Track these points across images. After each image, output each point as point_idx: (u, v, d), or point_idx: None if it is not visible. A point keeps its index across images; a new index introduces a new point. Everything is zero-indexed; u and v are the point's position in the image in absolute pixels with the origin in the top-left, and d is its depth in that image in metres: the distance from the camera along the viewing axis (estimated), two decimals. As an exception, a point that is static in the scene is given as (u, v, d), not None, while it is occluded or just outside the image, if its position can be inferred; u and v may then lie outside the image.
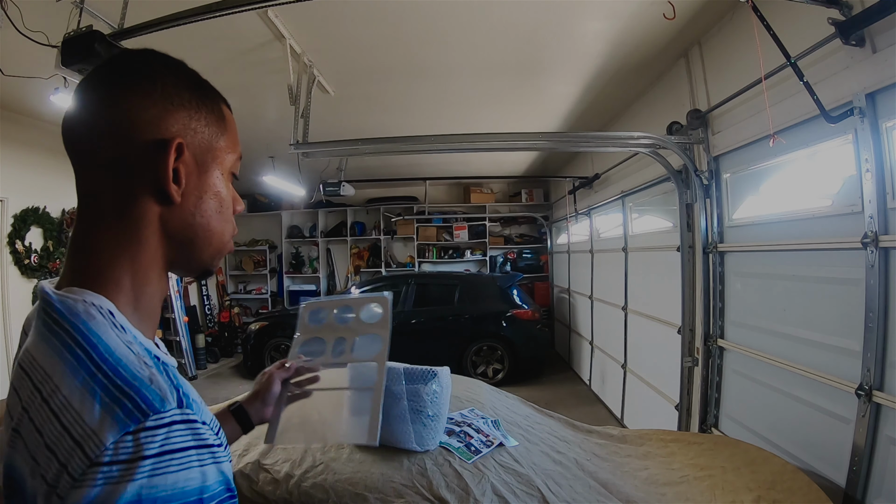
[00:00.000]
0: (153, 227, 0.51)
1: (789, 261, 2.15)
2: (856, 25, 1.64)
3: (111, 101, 0.50)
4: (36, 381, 0.42)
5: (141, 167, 0.49)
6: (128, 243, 0.50)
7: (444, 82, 3.42)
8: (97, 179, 0.50)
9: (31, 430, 0.40)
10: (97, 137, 0.50)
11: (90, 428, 0.38)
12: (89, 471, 0.36)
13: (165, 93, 0.51)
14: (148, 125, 0.50)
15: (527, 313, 5.71)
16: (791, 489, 1.62)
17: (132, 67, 0.52)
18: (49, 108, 2.97)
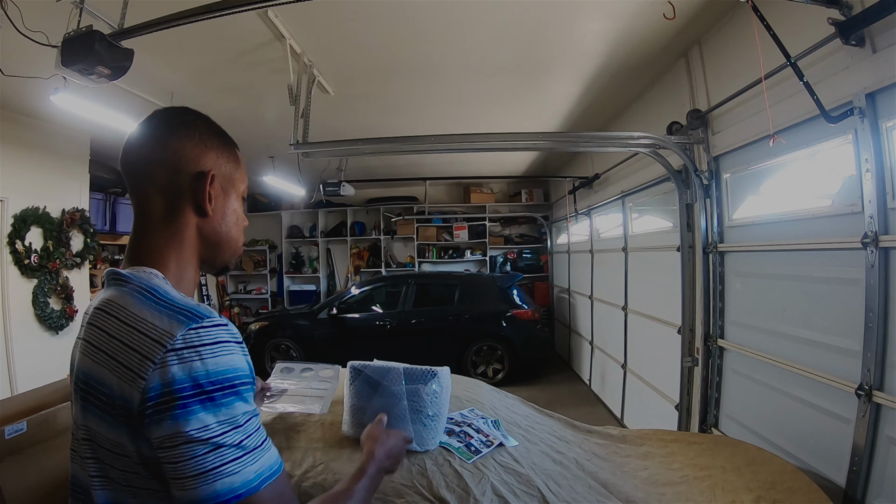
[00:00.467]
0: (191, 231, 0.71)
1: (789, 261, 2.15)
2: (856, 25, 1.64)
3: (165, 142, 0.70)
4: (111, 312, 0.60)
5: (187, 190, 0.70)
6: (174, 241, 0.69)
7: (444, 82, 3.42)
8: (153, 196, 0.69)
9: (110, 341, 0.56)
10: (156, 167, 0.69)
11: (163, 329, 0.55)
12: (167, 356, 0.53)
13: (202, 138, 0.73)
14: (190, 161, 0.70)
15: (527, 313, 5.71)
16: (791, 489, 1.62)
17: (178, 119, 0.73)
18: (49, 108, 2.96)
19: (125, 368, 0.53)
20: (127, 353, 0.54)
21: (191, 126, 0.73)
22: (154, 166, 0.69)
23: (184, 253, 0.70)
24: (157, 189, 0.69)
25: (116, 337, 0.56)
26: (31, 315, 3.78)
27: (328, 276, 8.18)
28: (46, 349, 3.85)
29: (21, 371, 3.59)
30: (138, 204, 0.70)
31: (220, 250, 0.74)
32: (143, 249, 0.68)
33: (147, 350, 0.53)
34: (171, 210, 0.69)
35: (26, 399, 1.64)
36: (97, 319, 0.61)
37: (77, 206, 4.20)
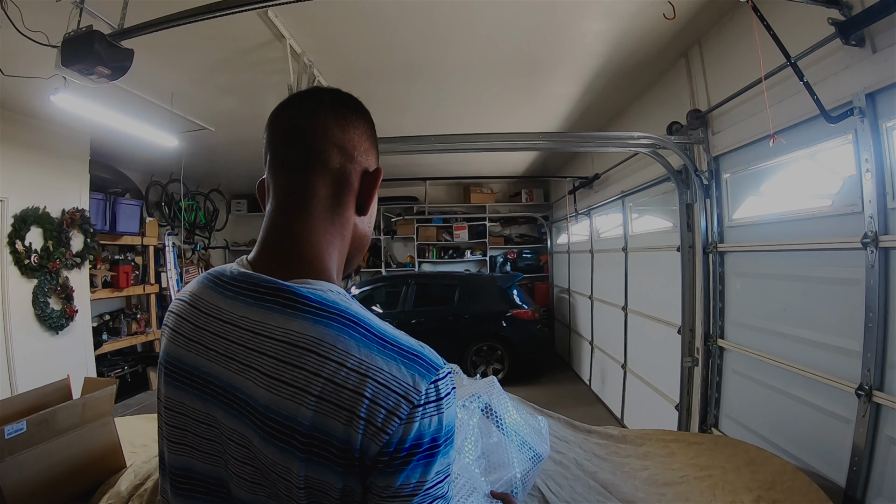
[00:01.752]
0: (351, 228, 0.66)
1: (789, 261, 2.15)
2: (856, 25, 1.64)
3: (346, 125, 0.64)
4: (324, 353, 0.52)
5: (355, 182, 0.65)
6: (340, 239, 0.64)
7: (444, 82, 3.42)
8: (321, 178, 0.62)
9: (340, 391, 0.51)
10: (332, 148, 0.63)
11: (406, 383, 0.52)
12: (414, 412, 0.51)
13: (372, 133, 0.68)
14: (364, 153, 0.66)
15: (527, 313, 5.71)
16: (791, 489, 1.62)
17: (358, 106, 0.67)
18: (49, 108, 2.96)
19: (363, 421, 0.50)
20: (368, 406, 0.51)
21: (365, 115, 0.68)
22: (328, 146, 0.62)
23: (343, 255, 0.66)
24: (328, 172, 0.62)
25: (347, 388, 0.51)
26: (31, 315, 3.77)
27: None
28: (46, 349, 3.85)
29: (21, 371, 3.59)
30: (296, 182, 0.62)
31: (359, 251, 0.70)
32: (307, 244, 0.61)
33: (393, 406, 0.51)
34: (337, 202, 0.63)
35: (26, 399, 1.64)
36: (297, 358, 0.53)
37: (77, 206, 4.19)
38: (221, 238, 7.58)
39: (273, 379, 0.53)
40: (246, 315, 0.57)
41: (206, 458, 0.59)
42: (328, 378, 0.51)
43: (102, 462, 1.62)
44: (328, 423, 0.51)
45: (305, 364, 0.52)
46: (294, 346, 0.53)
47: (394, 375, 0.52)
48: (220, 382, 0.57)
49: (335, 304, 0.56)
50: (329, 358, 0.52)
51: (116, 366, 5.07)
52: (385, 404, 0.51)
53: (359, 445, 0.50)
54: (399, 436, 0.51)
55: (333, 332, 0.54)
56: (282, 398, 0.52)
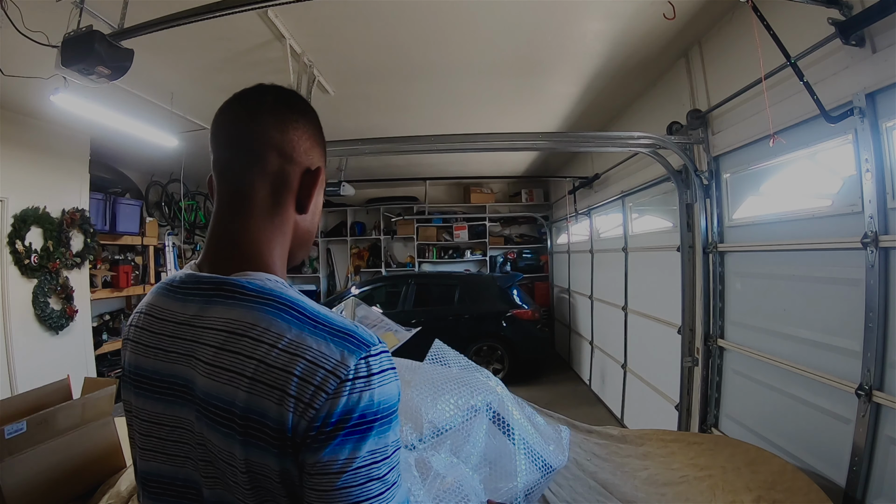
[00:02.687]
0: (291, 226, 0.67)
1: (789, 261, 2.15)
2: (856, 25, 1.64)
3: (285, 126, 0.65)
4: (255, 336, 0.54)
5: (295, 182, 0.66)
6: (281, 237, 0.66)
7: (444, 82, 3.42)
8: (259, 182, 0.64)
9: (271, 371, 0.52)
10: (269, 151, 0.64)
11: (334, 358, 0.53)
12: (341, 386, 0.51)
13: (316, 130, 0.69)
14: (305, 153, 0.66)
15: (527, 313, 5.71)
16: (791, 489, 1.62)
17: (299, 105, 0.68)
18: (49, 108, 2.96)
19: (293, 399, 0.51)
20: (297, 384, 0.52)
21: (307, 114, 0.68)
22: (267, 149, 0.64)
23: (285, 249, 0.67)
24: (266, 175, 0.64)
25: (278, 367, 0.52)
26: (31, 315, 3.77)
27: (328, 276, 8.18)
28: (46, 349, 3.85)
29: (21, 371, 3.59)
30: (236, 184, 0.64)
31: (303, 248, 0.72)
32: (248, 241, 0.63)
33: (320, 381, 0.52)
34: (276, 201, 0.65)
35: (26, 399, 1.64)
36: (234, 344, 0.55)
37: (77, 206, 4.19)
38: (221, 238, 7.58)
39: (213, 366, 0.55)
40: (196, 313, 0.60)
41: (174, 460, 0.61)
42: (260, 360, 0.53)
43: (102, 462, 1.62)
44: (262, 403, 0.52)
45: (241, 349, 0.54)
46: (231, 334, 0.56)
47: (323, 353, 0.53)
48: (179, 381, 0.59)
49: (272, 291, 0.58)
50: (262, 341, 0.54)
51: (116, 366, 5.07)
52: (313, 380, 0.52)
53: (290, 424, 0.51)
54: (326, 410, 0.51)
55: (268, 316, 0.55)
56: (220, 384, 0.54)
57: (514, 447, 1.23)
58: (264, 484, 0.54)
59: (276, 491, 0.54)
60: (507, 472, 1.17)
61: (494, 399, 1.36)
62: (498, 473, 1.17)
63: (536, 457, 1.23)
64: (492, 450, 1.23)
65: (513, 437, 1.25)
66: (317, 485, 0.51)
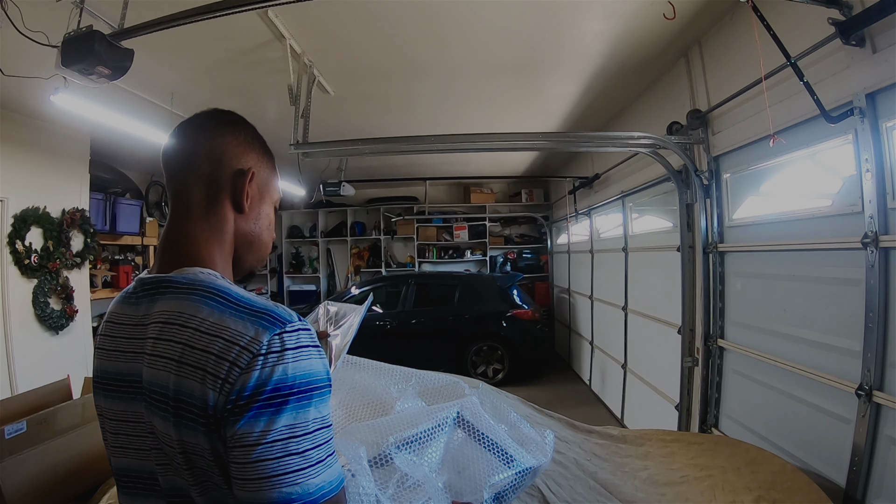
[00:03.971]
0: (230, 226, 0.72)
1: (789, 261, 2.15)
2: (856, 25, 1.64)
3: (212, 135, 0.72)
4: (186, 324, 0.58)
5: (227, 183, 0.71)
6: (217, 235, 0.70)
7: (444, 82, 3.42)
8: (194, 186, 0.70)
9: (195, 353, 0.56)
10: (200, 159, 0.71)
11: (249, 335, 0.56)
12: (253, 360, 0.54)
13: (246, 138, 0.75)
14: (234, 157, 0.72)
15: (527, 313, 5.71)
16: (791, 489, 1.62)
17: (227, 118, 0.76)
18: (49, 108, 2.96)
19: (212, 376, 0.54)
20: (215, 362, 0.55)
21: (237, 125, 0.76)
22: (198, 157, 0.71)
23: (224, 248, 0.71)
24: (199, 179, 0.70)
25: (200, 348, 0.56)
26: (31, 315, 3.77)
27: (328, 276, 8.18)
28: (46, 349, 3.85)
29: (21, 371, 3.59)
30: (177, 194, 0.71)
31: (251, 252, 0.76)
32: (186, 242, 0.69)
33: (234, 357, 0.55)
34: (210, 201, 0.70)
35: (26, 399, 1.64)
36: (167, 333, 0.59)
37: (77, 206, 4.19)
38: (221, 238, 7.58)
39: (152, 356, 0.60)
40: (144, 313, 0.65)
41: (139, 454, 0.64)
42: (186, 343, 0.57)
43: (102, 462, 1.62)
44: (187, 384, 0.56)
45: (172, 336, 0.59)
46: (165, 323, 0.60)
47: (238, 331, 0.56)
48: (132, 378, 0.64)
49: (202, 282, 0.62)
50: (188, 326, 0.58)
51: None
52: (228, 357, 0.55)
53: (212, 401, 0.54)
54: (240, 384, 0.54)
55: (194, 303, 0.60)
56: (156, 370, 0.59)
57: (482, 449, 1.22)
58: (199, 464, 0.57)
59: (210, 470, 0.56)
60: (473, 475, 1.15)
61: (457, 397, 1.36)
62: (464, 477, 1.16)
63: (506, 457, 1.21)
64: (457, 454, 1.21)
65: (481, 438, 1.24)
66: (235, 458, 0.54)
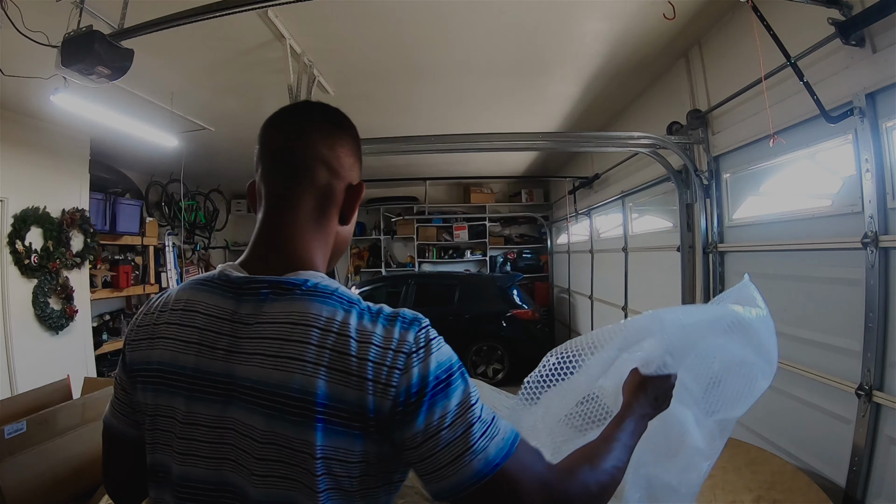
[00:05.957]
0: (333, 237, 0.72)
1: (789, 261, 2.15)
2: (856, 25, 1.64)
3: (332, 143, 0.70)
4: (322, 325, 0.58)
5: (339, 196, 0.71)
6: (324, 244, 0.71)
7: (444, 82, 3.42)
8: (307, 194, 0.69)
9: (343, 357, 0.57)
10: (318, 165, 0.69)
11: (399, 339, 0.58)
12: (409, 360, 0.57)
13: (357, 148, 0.75)
14: (348, 169, 0.72)
15: (527, 313, 5.71)
16: (791, 489, 1.62)
17: (346, 123, 0.74)
18: (49, 108, 2.96)
19: (371, 382, 0.56)
20: (373, 367, 0.56)
21: (353, 132, 0.74)
22: (316, 164, 0.69)
23: (327, 255, 0.72)
24: (314, 187, 0.69)
25: (346, 353, 0.57)
26: (31, 315, 3.77)
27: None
28: (46, 349, 3.85)
29: (21, 371, 3.59)
30: (284, 195, 0.68)
31: (340, 255, 0.77)
32: (298, 247, 0.68)
33: (391, 361, 0.57)
34: (322, 212, 0.70)
35: (26, 399, 1.64)
36: (292, 334, 0.58)
37: (77, 206, 4.19)
38: (221, 238, 7.58)
39: (279, 358, 0.57)
40: (251, 311, 0.62)
41: (209, 462, 0.60)
42: (332, 348, 0.57)
43: (102, 462, 1.62)
44: (339, 389, 0.56)
45: (310, 339, 0.58)
46: (296, 325, 0.59)
47: (387, 336, 0.59)
48: (227, 378, 0.60)
49: (326, 287, 0.62)
50: (331, 330, 0.58)
51: (116, 366, 5.07)
52: (385, 362, 0.57)
53: (372, 406, 0.56)
54: (405, 385, 0.56)
55: (330, 307, 0.60)
56: (289, 373, 0.57)
57: None
58: (335, 469, 0.56)
59: (347, 473, 0.57)
60: None
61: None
62: None
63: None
64: None
65: None
66: (425, 453, 0.56)
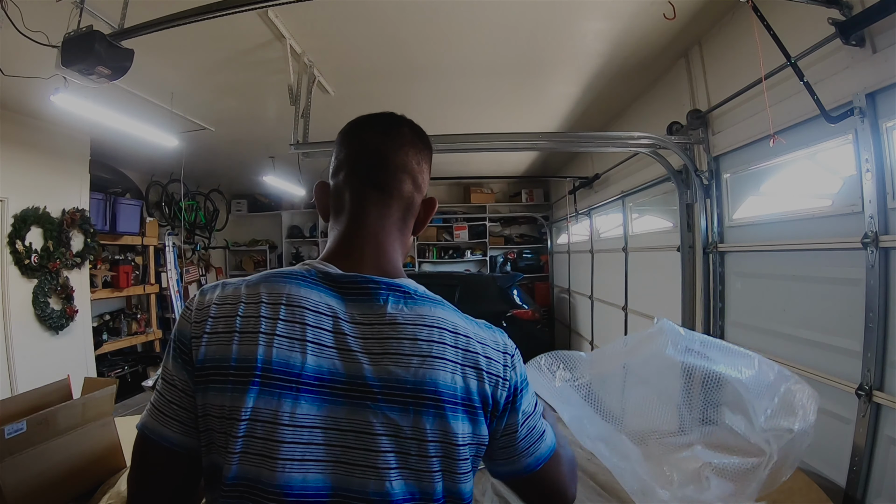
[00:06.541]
0: (408, 245, 0.77)
1: (789, 261, 2.15)
2: (856, 25, 1.64)
3: (420, 159, 0.75)
4: (444, 327, 0.65)
5: (418, 208, 0.76)
6: (404, 252, 0.76)
7: (444, 82, 3.42)
8: (396, 203, 0.73)
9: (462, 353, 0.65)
10: (406, 177, 0.73)
11: (504, 342, 0.71)
12: (513, 360, 0.70)
13: (431, 163, 0.78)
14: (426, 183, 0.77)
15: (527, 313, 5.70)
16: (791, 489, 1.62)
17: (427, 139, 0.78)
18: (49, 108, 2.96)
19: (493, 376, 0.66)
20: (489, 362, 0.67)
21: (431, 150, 0.78)
22: (405, 175, 0.73)
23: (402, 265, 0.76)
24: (401, 197, 0.73)
25: (474, 351, 0.66)
26: (31, 315, 3.77)
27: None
28: (46, 349, 3.85)
29: (21, 371, 3.59)
30: (378, 202, 0.72)
31: None
32: (392, 254, 0.73)
33: (503, 360, 0.68)
34: (405, 222, 0.74)
35: (26, 399, 1.63)
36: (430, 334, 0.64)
37: (77, 206, 4.19)
38: (221, 238, 7.59)
39: (422, 357, 0.62)
40: (365, 312, 0.65)
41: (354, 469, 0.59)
42: (464, 349, 0.65)
43: (102, 462, 1.62)
44: (471, 383, 0.64)
45: (445, 340, 0.64)
46: (432, 328, 0.65)
47: (495, 340, 0.70)
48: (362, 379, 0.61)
49: (433, 294, 0.70)
50: (458, 333, 0.66)
51: (116, 366, 5.08)
52: (500, 360, 0.68)
53: (491, 395, 0.66)
54: (513, 381, 0.68)
55: (450, 312, 0.68)
56: (435, 370, 0.62)
57: None
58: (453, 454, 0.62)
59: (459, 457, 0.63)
60: None
61: None
62: None
63: None
64: None
65: None
66: (520, 436, 0.69)
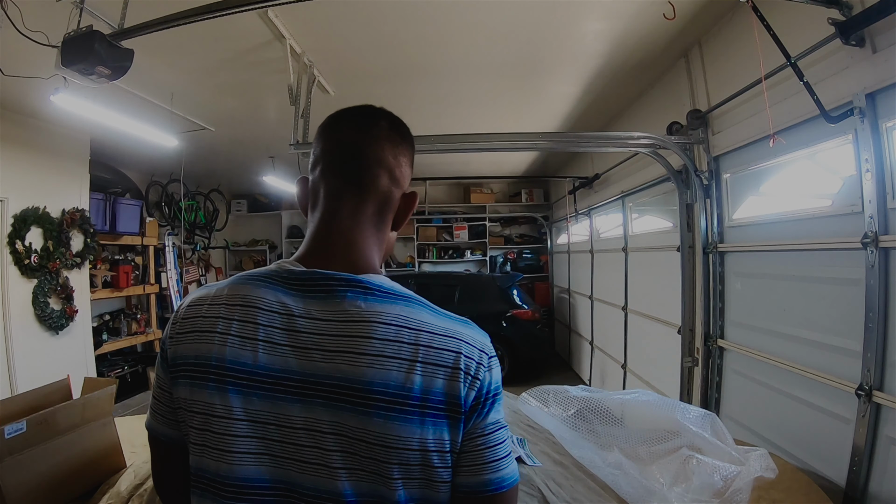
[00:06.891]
0: (385, 241, 0.74)
1: (789, 261, 2.15)
2: (856, 25, 1.64)
3: (397, 152, 0.72)
4: (416, 326, 0.61)
5: (396, 204, 0.73)
6: (380, 248, 0.72)
7: (444, 82, 3.42)
8: (371, 198, 0.70)
9: (441, 353, 0.61)
10: (382, 172, 0.70)
11: (482, 341, 0.65)
12: (491, 361, 0.65)
13: (413, 158, 0.76)
14: (405, 178, 0.74)
15: (527, 313, 5.71)
16: (791, 489, 1.62)
17: (408, 133, 0.75)
18: (49, 108, 2.96)
19: (463, 373, 0.61)
20: (458, 358, 0.61)
21: (412, 144, 0.75)
22: (381, 170, 0.70)
23: (381, 262, 0.73)
24: (377, 193, 0.70)
25: (441, 348, 0.61)
26: (31, 315, 3.77)
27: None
28: (46, 349, 3.85)
29: (21, 371, 3.59)
30: (349, 199, 0.69)
31: (386, 257, 0.78)
32: (364, 249, 0.69)
33: (478, 358, 0.63)
34: (381, 218, 0.71)
35: (26, 399, 1.63)
36: (386, 333, 0.60)
37: (77, 206, 4.19)
38: (221, 238, 7.58)
39: (373, 356, 0.59)
40: (323, 308, 0.62)
41: (306, 466, 0.60)
42: (427, 345, 0.61)
43: (102, 462, 1.62)
44: (435, 382, 0.60)
45: (402, 338, 0.60)
46: (388, 325, 0.61)
47: (472, 336, 0.64)
48: (313, 377, 0.60)
49: (401, 290, 0.65)
50: (422, 330, 0.61)
51: (116, 366, 5.07)
52: (475, 358, 0.63)
53: (462, 395, 0.60)
54: (487, 382, 0.63)
55: (415, 309, 0.63)
56: (387, 370, 0.59)
57: None
58: (409, 459, 0.58)
59: (434, 464, 0.59)
60: None
61: None
62: None
63: None
64: None
65: None
66: (483, 444, 0.62)
